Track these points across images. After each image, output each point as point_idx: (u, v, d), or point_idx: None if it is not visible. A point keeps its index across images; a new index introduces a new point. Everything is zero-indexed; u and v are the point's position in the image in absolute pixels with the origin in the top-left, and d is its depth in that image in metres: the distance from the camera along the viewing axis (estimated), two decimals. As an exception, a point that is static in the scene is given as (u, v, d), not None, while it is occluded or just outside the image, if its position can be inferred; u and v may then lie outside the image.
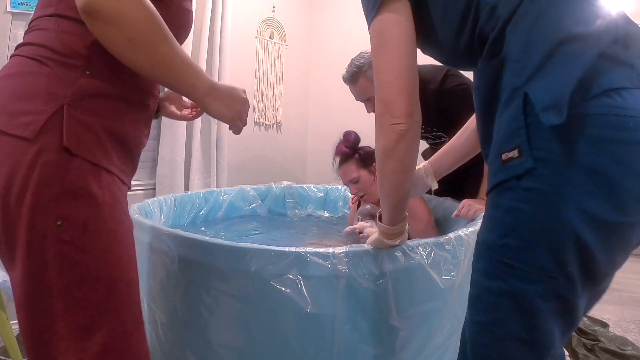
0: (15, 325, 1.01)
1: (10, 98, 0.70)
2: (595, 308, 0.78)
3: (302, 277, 1.00)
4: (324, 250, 1.02)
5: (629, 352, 1.77)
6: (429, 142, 1.93)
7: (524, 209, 0.65)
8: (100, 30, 0.67)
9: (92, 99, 0.72)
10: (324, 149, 3.44)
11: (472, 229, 1.25)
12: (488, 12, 0.71)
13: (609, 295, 0.89)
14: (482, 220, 0.74)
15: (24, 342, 0.71)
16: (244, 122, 0.91)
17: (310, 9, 3.58)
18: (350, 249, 1.03)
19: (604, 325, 2.03)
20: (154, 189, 2.50)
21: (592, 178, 0.60)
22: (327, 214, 2.39)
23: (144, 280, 1.20)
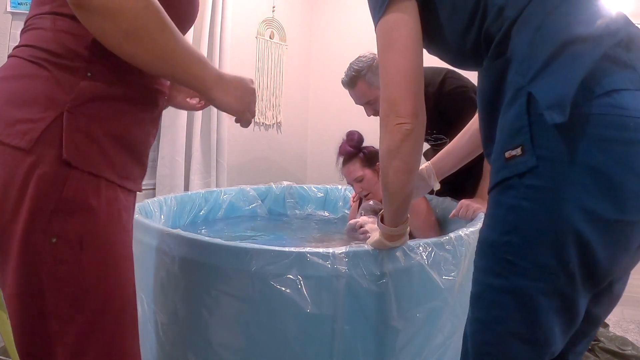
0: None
1: (6, 103, 0.65)
2: (596, 308, 0.78)
3: (302, 277, 1.00)
4: (324, 250, 1.02)
5: (629, 352, 1.77)
6: (430, 143, 1.94)
7: (526, 207, 0.65)
8: (93, 23, 0.61)
9: (94, 103, 0.67)
10: (324, 149, 3.45)
11: (472, 229, 1.25)
12: (496, 12, 0.71)
13: (610, 296, 0.88)
14: (484, 218, 0.74)
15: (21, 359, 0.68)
16: (253, 114, 0.86)
17: (310, 9, 3.58)
18: (351, 249, 1.03)
19: (604, 325, 2.03)
20: (154, 189, 2.50)
21: (592, 177, 0.61)
22: (327, 214, 2.39)
23: (144, 281, 1.20)
